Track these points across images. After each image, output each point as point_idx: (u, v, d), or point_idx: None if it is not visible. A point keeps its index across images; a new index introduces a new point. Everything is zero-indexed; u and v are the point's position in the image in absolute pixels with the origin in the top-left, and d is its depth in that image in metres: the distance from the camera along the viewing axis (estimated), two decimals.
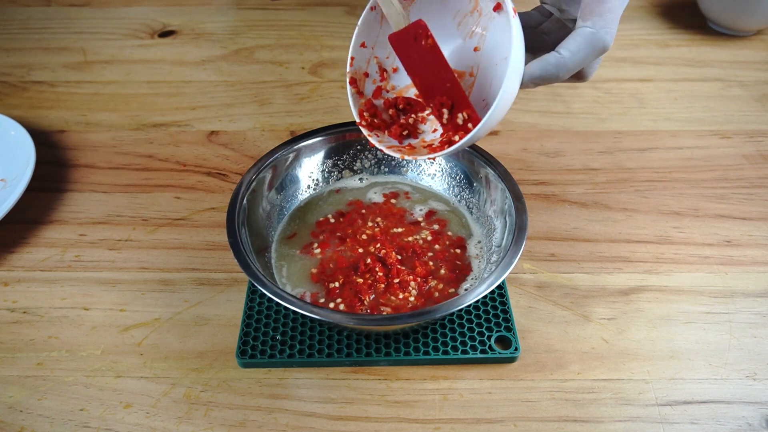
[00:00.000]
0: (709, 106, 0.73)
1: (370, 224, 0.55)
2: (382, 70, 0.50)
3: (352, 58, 0.49)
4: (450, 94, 0.45)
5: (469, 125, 0.44)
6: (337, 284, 0.50)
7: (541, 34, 0.47)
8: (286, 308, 0.50)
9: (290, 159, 0.57)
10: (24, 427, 0.44)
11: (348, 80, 0.49)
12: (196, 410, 0.45)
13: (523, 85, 0.41)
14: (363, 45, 0.49)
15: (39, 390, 0.46)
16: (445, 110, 0.45)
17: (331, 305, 0.49)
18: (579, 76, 0.43)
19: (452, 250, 0.53)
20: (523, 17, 0.47)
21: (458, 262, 0.52)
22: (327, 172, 0.59)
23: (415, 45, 0.44)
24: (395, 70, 0.51)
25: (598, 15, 0.40)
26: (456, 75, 0.45)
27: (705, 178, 0.64)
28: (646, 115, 0.72)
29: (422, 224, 0.55)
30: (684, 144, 0.68)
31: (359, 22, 0.48)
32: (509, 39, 0.39)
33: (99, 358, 0.48)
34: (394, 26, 0.44)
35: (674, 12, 0.91)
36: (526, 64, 0.41)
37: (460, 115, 0.44)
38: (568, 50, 0.40)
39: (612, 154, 0.67)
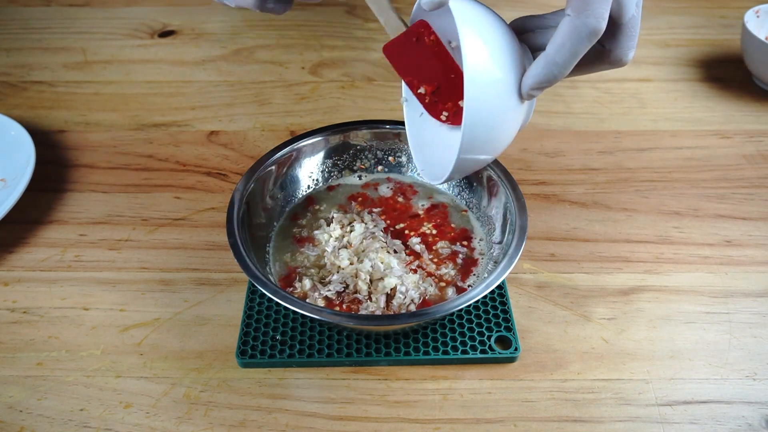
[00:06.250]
0: (709, 106, 0.73)
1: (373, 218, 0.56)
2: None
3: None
4: (450, 84, 0.44)
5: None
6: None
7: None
8: (286, 308, 0.50)
9: (290, 159, 0.57)
10: (24, 427, 0.44)
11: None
12: (196, 410, 0.45)
13: (526, 96, 0.39)
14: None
15: (39, 390, 0.46)
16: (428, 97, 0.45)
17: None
18: (610, 62, 0.40)
19: (458, 243, 0.54)
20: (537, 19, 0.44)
21: (465, 255, 0.53)
22: (327, 172, 0.59)
23: (415, 46, 0.44)
24: None
25: None
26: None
27: (705, 178, 0.64)
28: (646, 115, 0.72)
29: (422, 216, 0.56)
30: (684, 144, 0.68)
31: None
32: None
33: (99, 358, 0.48)
34: (392, 35, 0.44)
35: (674, 12, 0.91)
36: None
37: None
38: (553, 46, 0.37)
39: (612, 154, 0.67)
